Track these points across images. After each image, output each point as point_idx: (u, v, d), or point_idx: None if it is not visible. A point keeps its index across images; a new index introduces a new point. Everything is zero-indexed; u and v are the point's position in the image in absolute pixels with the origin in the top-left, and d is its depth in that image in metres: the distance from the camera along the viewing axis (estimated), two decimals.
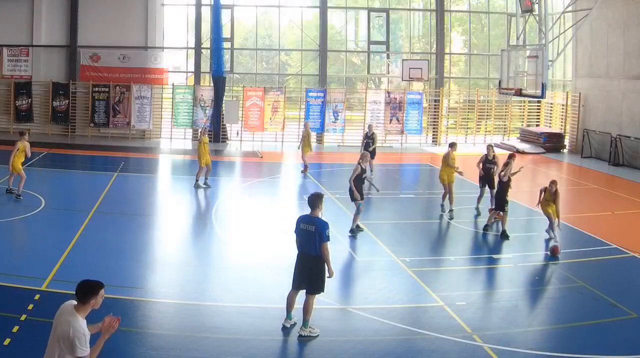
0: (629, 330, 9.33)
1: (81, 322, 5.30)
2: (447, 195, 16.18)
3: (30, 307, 9.15)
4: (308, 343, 8.77)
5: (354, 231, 14.04)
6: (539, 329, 9.40)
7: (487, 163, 16.17)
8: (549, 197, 13.61)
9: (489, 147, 16.34)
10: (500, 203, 14.06)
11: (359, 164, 14.00)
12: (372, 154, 20.29)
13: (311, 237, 8.53)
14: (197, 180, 18.54)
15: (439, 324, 9.38)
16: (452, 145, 16.51)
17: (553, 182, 13.64)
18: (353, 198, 14.00)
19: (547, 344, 8.83)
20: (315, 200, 8.76)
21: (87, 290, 5.33)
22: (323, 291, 8.82)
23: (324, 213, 9.13)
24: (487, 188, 16.23)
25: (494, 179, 15.52)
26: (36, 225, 14.09)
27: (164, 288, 10.78)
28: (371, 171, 19.66)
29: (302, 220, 8.75)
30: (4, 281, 10.08)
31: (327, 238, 8.51)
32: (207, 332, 8.92)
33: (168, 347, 8.44)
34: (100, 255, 11.94)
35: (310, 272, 8.63)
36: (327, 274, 8.67)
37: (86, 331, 5.29)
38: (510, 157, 14.71)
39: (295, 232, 8.81)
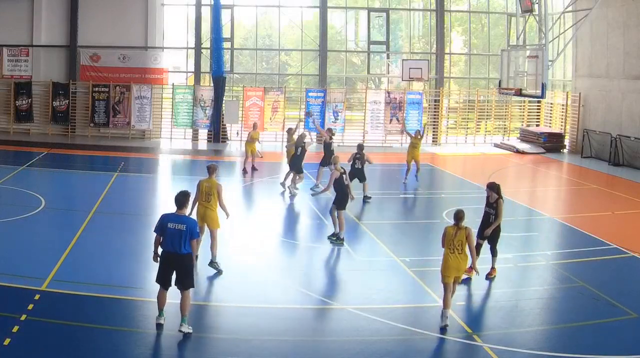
0: (629, 330, 9.33)
1: None
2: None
3: (30, 307, 9.15)
4: (308, 344, 8.78)
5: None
6: (539, 329, 9.40)
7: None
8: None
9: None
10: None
11: None
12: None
13: (181, 235, 8.64)
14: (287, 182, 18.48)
15: (439, 324, 9.38)
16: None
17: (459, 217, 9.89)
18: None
19: (547, 344, 8.83)
20: (183, 199, 8.99)
21: None
22: (194, 286, 9.12)
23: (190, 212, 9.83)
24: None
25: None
26: (36, 225, 14.08)
27: None
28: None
29: (169, 219, 8.79)
30: (4, 281, 10.07)
31: (198, 235, 9.10)
32: (207, 332, 8.92)
33: (168, 347, 8.45)
34: (100, 255, 11.95)
35: (180, 270, 8.75)
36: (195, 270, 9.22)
37: None
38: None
39: (157, 230, 8.84)
